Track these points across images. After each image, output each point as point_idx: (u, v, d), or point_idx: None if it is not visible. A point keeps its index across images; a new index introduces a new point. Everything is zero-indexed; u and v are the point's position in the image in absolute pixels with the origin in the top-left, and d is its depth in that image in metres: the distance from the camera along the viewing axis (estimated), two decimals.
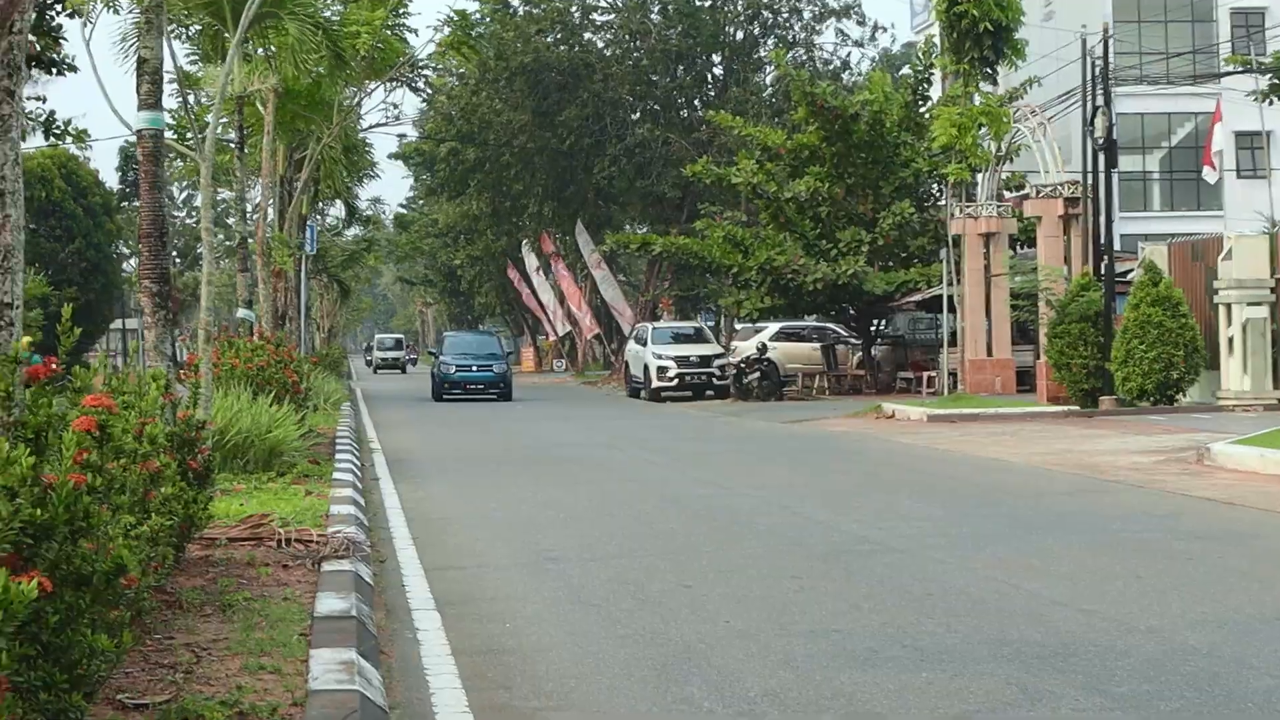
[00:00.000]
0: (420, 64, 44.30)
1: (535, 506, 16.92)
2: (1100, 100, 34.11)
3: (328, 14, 30.11)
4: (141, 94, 12.18)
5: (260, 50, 28.62)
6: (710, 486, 19.31)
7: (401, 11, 32.77)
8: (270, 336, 27.44)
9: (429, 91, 60.52)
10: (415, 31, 45.56)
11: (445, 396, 48.82)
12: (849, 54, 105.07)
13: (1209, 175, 49.79)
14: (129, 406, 8.63)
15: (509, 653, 8.92)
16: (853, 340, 50.47)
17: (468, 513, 16.42)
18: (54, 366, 5.44)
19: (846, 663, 8.51)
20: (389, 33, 32.53)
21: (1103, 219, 34.43)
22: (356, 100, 38.68)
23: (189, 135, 27.98)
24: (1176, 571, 11.73)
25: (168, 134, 17.88)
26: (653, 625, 9.71)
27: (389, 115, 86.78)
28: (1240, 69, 44.64)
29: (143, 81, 12.17)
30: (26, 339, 5.76)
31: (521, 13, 64.14)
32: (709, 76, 66.74)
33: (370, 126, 65.60)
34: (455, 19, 36.33)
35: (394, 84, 40.81)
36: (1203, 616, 9.81)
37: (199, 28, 29.18)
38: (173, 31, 25.62)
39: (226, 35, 23.68)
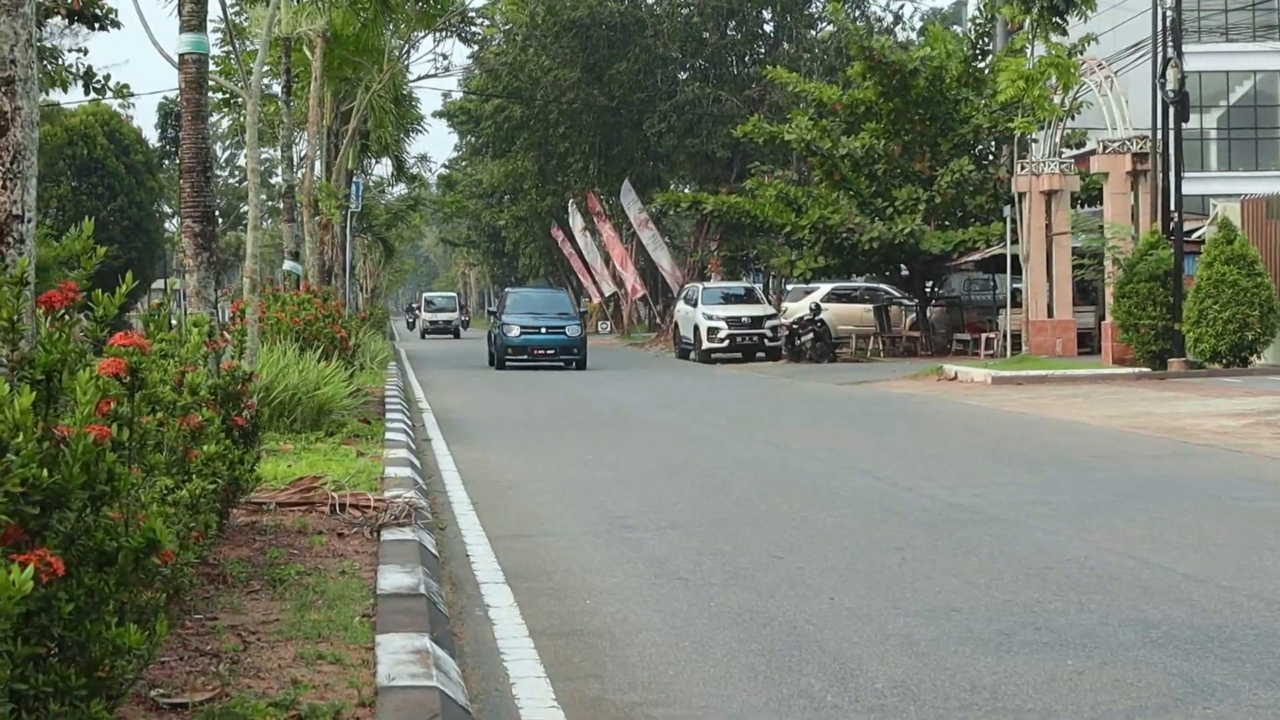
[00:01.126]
0: (471, 14, 43.23)
1: (598, 469, 15.97)
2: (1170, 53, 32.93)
3: None
4: (184, 14, 11.18)
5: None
6: (779, 450, 18.29)
7: None
8: (317, 290, 26.48)
9: (479, 40, 59.19)
10: None
11: (508, 363, 41.84)
12: (901, 7, 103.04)
13: None
14: (167, 356, 7.60)
15: (594, 634, 7.93)
16: (906, 301, 49.40)
17: (527, 476, 15.44)
18: (74, 294, 4.42)
19: (978, 648, 7.50)
20: None
21: (1172, 175, 33.25)
22: (405, 50, 37.63)
23: (235, 79, 26.92)
24: None
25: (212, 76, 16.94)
26: (750, 602, 8.71)
27: (438, 66, 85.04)
28: None
29: (185, 1, 11.16)
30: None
31: None
32: (760, 33, 65.49)
33: (419, 78, 64.81)
34: None
35: (444, 33, 39.71)
36: None
37: None
38: None
39: None
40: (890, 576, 9.51)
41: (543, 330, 42.04)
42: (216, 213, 13.18)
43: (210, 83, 13.14)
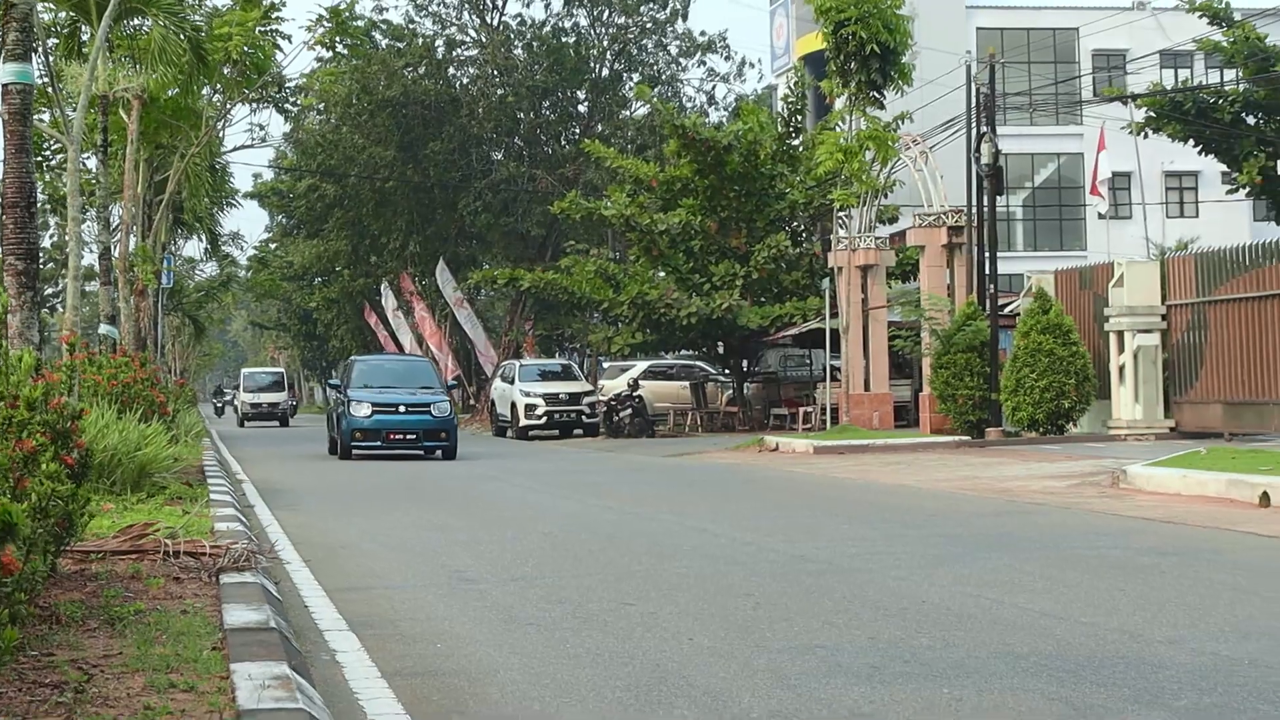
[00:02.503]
0: (288, 84, 42.71)
1: (431, 530, 15.58)
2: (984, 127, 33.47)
3: (195, 18, 28.46)
4: (9, 43, 10.72)
5: (122, 58, 27.17)
6: (614, 512, 18.01)
7: (275, 15, 31.13)
8: (135, 355, 25.76)
9: (296, 114, 58.50)
10: (289, 38, 43.00)
11: (356, 450, 32.83)
12: (714, 87, 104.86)
13: (1099, 205, 49.39)
14: None
15: (450, 675, 7.58)
16: (722, 378, 49.49)
17: (358, 537, 15.00)
18: None
19: (850, 679, 7.28)
20: (261, 35, 30.87)
21: (987, 247, 33.71)
22: (221, 116, 37.03)
23: (60, 130, 26.07)
24: (1160, 585, 10.68)
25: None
26: (607, 644, 8.41)
27: (254, 137, 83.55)
28: (1111, 99, 44.40)
29: (10, 29, 10.70)
30: None
31: (385, 45, 62.60)
32: (574, 113, 65.80)
33: (234, 148, 64.21)
34: (328, 15, 34.43)
35: (261, 103, 39.15)
36: (1220, 628, 8.78)
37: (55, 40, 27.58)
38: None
39: (84, 35, 22.22)
40: (746, 619, 9.27)
41: (401, 409, 33.35)
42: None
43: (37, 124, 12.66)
